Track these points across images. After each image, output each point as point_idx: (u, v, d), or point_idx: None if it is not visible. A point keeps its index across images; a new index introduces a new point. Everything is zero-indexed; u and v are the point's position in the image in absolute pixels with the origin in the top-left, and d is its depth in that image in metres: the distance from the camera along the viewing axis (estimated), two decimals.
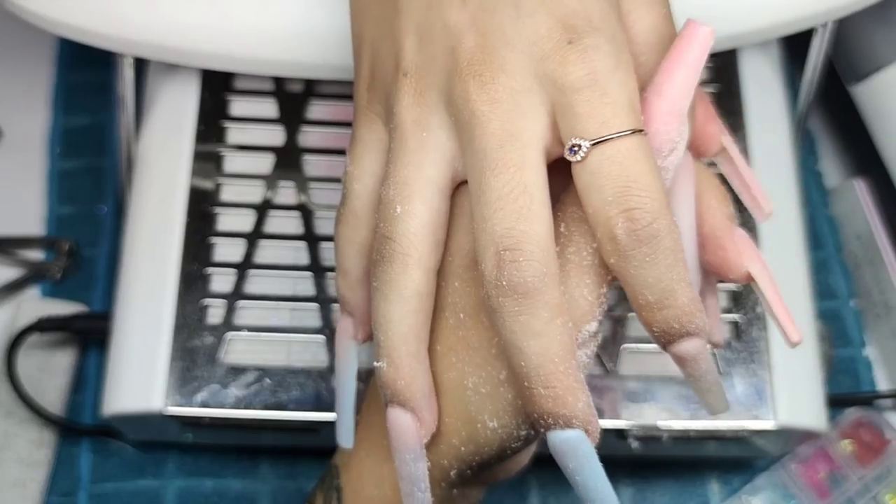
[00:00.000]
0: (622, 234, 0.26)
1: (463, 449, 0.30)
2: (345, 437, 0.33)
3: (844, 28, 0.47)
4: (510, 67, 0.27)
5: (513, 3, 0.27)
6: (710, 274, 0.31)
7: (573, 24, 0.26)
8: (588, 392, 0.27)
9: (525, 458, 0.36)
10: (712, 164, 0.32)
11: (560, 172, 0.27)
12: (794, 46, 0.49)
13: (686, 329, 0.26)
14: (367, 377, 0.33)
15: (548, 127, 0.27)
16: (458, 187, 0.29)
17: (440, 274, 0.29)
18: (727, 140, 0.31)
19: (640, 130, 0.26)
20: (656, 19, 0.29)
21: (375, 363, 0.29)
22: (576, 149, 0.26)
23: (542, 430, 0.27)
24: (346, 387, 0.34)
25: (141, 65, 0.46)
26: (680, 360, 0.27)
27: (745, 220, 0.46)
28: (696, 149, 0.31)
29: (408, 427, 0.29)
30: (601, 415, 0.43)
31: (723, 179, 0.32)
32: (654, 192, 0.26)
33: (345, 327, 0.34)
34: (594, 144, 0.26)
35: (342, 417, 0.33)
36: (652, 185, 0.26)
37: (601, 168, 0.26)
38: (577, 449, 0.26)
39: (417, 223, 0.28)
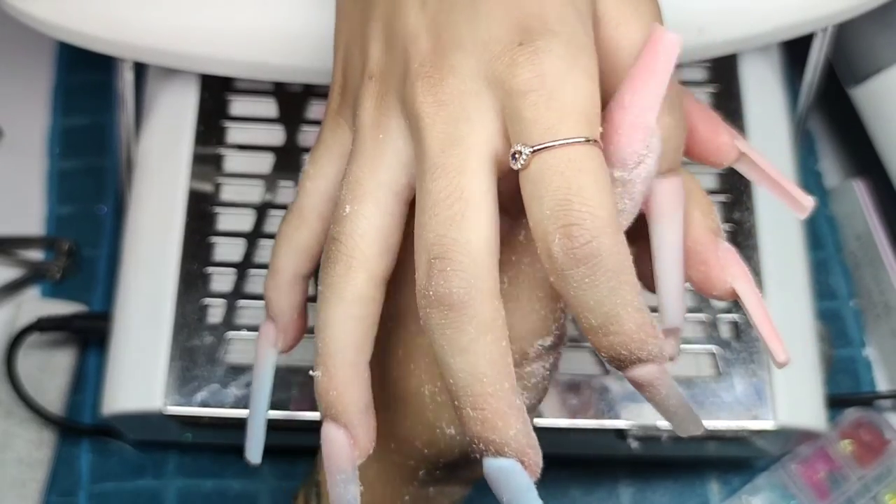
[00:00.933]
0: (558, 251, 0.24)
1: (426, 451, 0.30)
2: (253, 452, 0.31)
3: (844, 31, 0.47)
4: (459, 69, 0.25)
5: (470, 4, 0.26)
6: (697, 290, 0.30)
7: (527, 25, 0.25)
8: (527, 420, 0.25)
9: None
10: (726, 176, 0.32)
11: None
12: (794, 48, 0.49)
13: (636, 356, 0.24)
14: None
15: (497, 132, 0.25)
16: None
17: (404, 279, 0.28)
18: (744, 145, 0.29)
19: (592, 140, 0.24)
20: (645, 31, 0.27)
21: (311, 372, 0.28)
22: (517, 155, 0.24)
23: (477, 456, 0.25)
24: (259, 397, 0.32)
25: (141, 66, 0.46)
26: (637, 387, 0.25)
27: (744, 219, 0.46)
28: (710, 159, 0.29)
29: (339, 445, 0.27)
30: (600, 415, 0.43)
31: (707, 190, 0.31)
32: (598, 207, 0.24)
33: (266, 333, 0.32)
34: (535, 151, 0.24)
35: (252, 430, 0.32)
36: (595, 198, 0.24)
37: (542, 177, 0.24)
38: (508, 480, 0.24)
39: (365, 224, 0.27)
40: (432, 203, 0.25)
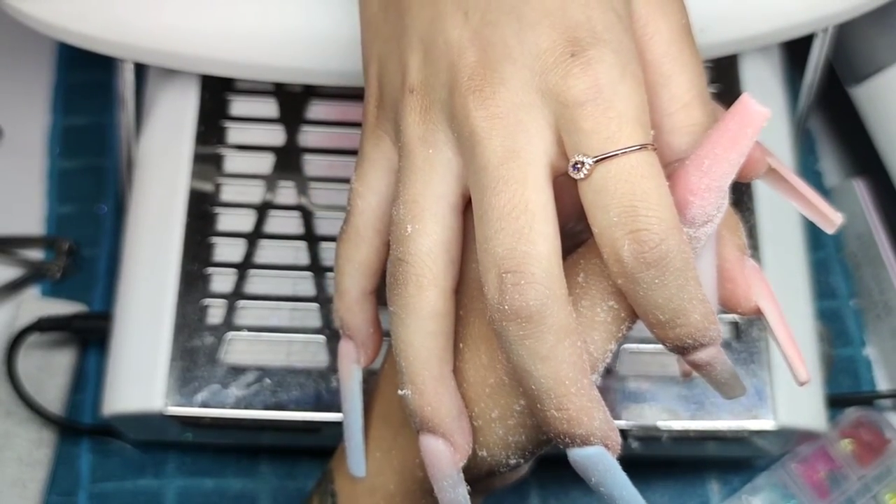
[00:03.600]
0: (628, 256, 0.25)
1: None
2: (356, 466, 0.32)
3: (844, 30, 0.47)
4: (511, 82, 0.26)
5: (515, 16, 0.26)
6: (722, 307, 0.30)
7: (576, 36, 0.25)
8: (604, 408, 0.26)
9: (524, 469, 0.36)
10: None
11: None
12: (795, 48, 0.49)
13: (700, 342, 0.26)
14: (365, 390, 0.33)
15: (552, 143, 0.26)
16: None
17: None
18: (775, 161, 0.29)
19: (648, 145, 0.25)
20: (674, 30, 0.28)
21: (400, 391, 0.29)
22: (579, 166, 0.25)
23: (562, 447, 0.26)
24: (353, 414, 0.32)
25: (141, 66, 0.46)
26: (695, 367, 0.27)
27: (744, 220, 0.46)
28: (742, 173, 0.29)
29: (441, 454, 0.28)
30: None
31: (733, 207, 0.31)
32: (663, 210, 0.24)
33: (346, 351, 0.32)
34: (598, 161, 0.25)
35: (352, 445, 0.32)
36: (660, 203, 0.24)
37: (606, 186, 0.25)
38: (597, 464, 0.26)
39: (430, 242, 0.27)
40: (497, 217, 0.25)
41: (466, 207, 0.28)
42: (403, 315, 0.28)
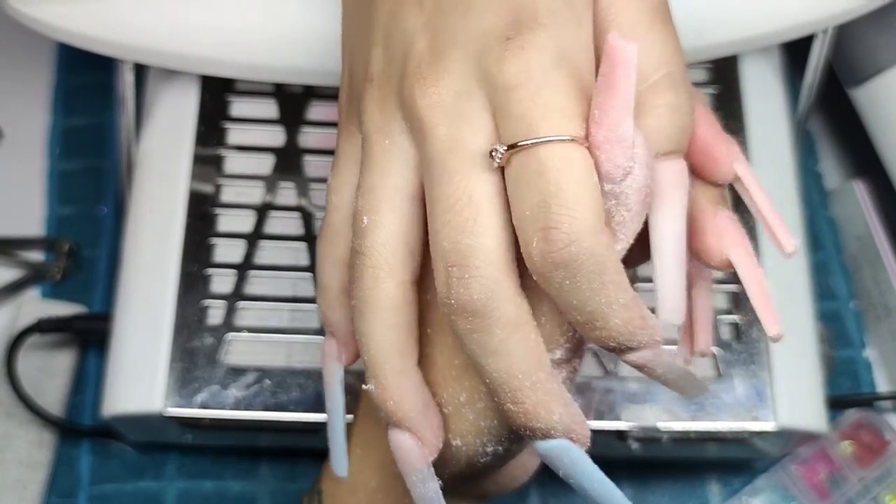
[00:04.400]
0: (536, 255, 0.23)
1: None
2: (338, 465, 0.32)
3: (844, 32, 0.47)
4: (454, 68, 0.25)
5: (465, 2, 0.25)
6: (695, 260, 0.29)
7: (517, 19, 0.24)
8: (567, 399, 0.25)
9: (520, 474, 0.35)
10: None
11: None
12: (795, 49, 0.49)
13: (626, 346, 0.24)
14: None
15: (495, 132, 0.25)
16: None
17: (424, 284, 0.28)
18: (742, 168, 0.28)
19: (575, 139, 0.23)
20: (642, 9, 0.26)
21: (364, 386, 0.28)
22: (494, 153, 0.24)
23: (527, 438, 0.26)
24: (335, 413, 0.32)
25: (141, 67, 0.46)
26: (634, 367, 0.26)
27: (746, 220, 0.46)
28: (705, 169, 0.29)
29: (408, 448, 0.27)
30: (601, 416, 0.43)
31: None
32: (578, 209, 0.23)
33: (329, 349, 0.32)
34: (512, 150, 0.24)
35: (334, 445, 0.32)
36: (576, 201, 0.23)
37: (521, 178, 0.24)
38: (562, 457, 0.25)
39: (386, 234, 0.27)
40: (442, 210, 0.25)
41: None
42: (362, 308, 0.27)
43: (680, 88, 0.26)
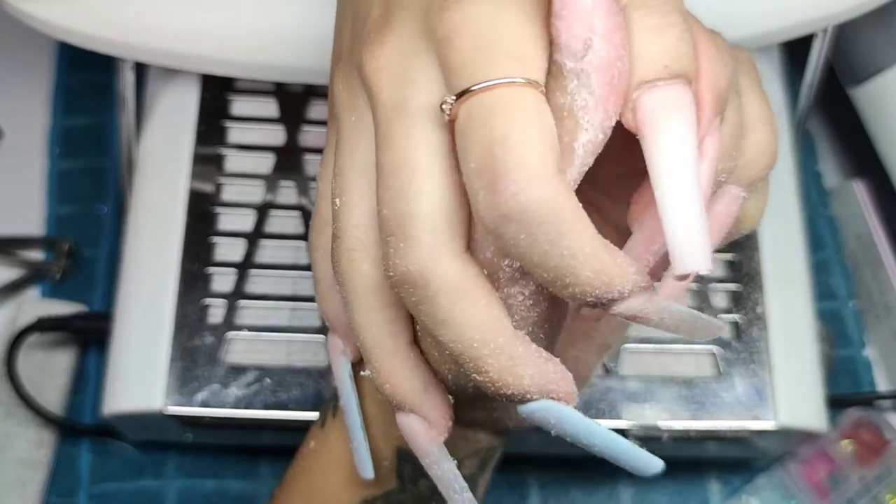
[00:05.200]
0: (483, 209, 0.21)
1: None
2: (363, 466, 0.30)
3: (844, 31, 0.47)
4: (400, 28, 0.24)
5: None
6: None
7: None
8: (538, 359, 0.23)
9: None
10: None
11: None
12: (794, 48, 0.49)
13: (606, 298, 0.22)
14: None
15: (444, 87, 0.23)
16: None
17: None
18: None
19: (524, 81, 0.21)
20: None
21: (362, 372, 0.27)
22: (444, 107, 0.22)
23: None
24: (350, 409, 0.30)
25: (142, 66, 0.46)
26: (626, 319, 0.23)
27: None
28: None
29: (415, 430, 0.26)
30: (601, 415, 0.43)
31: None
32: (525, 153, 0.21)
33: (333, 344, 0.31)
34: (459, 98, 0.22)
35: (355, 443, 0.31)
36: (524, 144, 0.21)
37: (467, 127, 0.21)
38: (547, 418, 0.24)
39: (357, 214, 0.25)
40: (384, 176, 0.23)
41: None
42: (345, 293, 0.26)
43: (681, 9, 0.23)
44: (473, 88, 0.21)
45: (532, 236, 0.21)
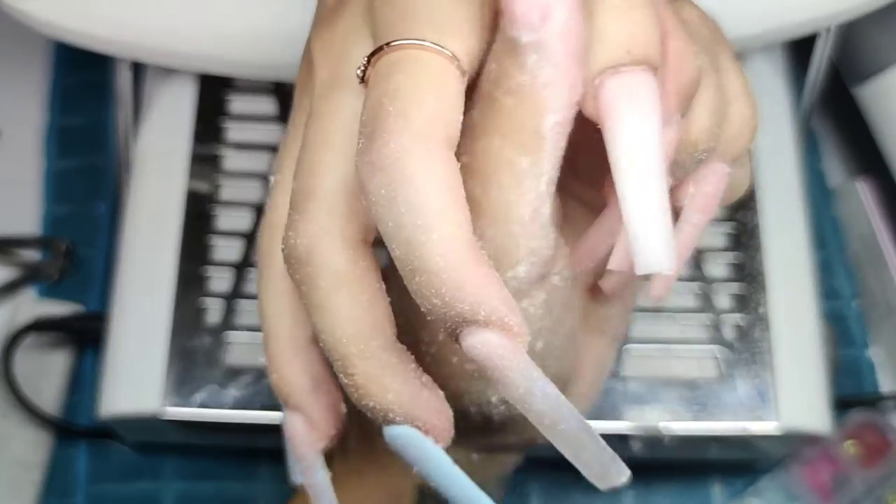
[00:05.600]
0: (358, 158, 0.20)
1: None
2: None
3: (848, 30, 0.47)
4: (347, 11, 0.23)
5: None
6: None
7: None
8: (411, 379, 0.21)
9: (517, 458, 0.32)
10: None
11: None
12: (798, 47, 0.49)
13: (454, 310, 0.19)
14: None
15: None
16: None
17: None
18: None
19: (438, 48, 0.20)
20: None
21: (261, 358, 0.26)
22: (358, 71, 0.21)
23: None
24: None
25: (139, 64, 0.46)
26: (480, 368, 0.19)
27: (748, 219, 0.46)
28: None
29: (295, 430, 0.25)
30: (602, 417, 0.43)
31: None
32: (411, 108, 0.19)
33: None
34: (369, 60, 0.21)
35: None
36: (409, 98, 0.19)
37: (370, 85, 0.20)
38: (407, 447, 0.21)
39: (284, 192, 0.24)
40: (302, 151, 0.22)
41: None
42: (257, 274, 0.25)
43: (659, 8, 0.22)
44: (384, 47, 0.20)
45: (392, 193, 0.19)
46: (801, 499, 0.49)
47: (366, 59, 0.21)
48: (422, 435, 0.21)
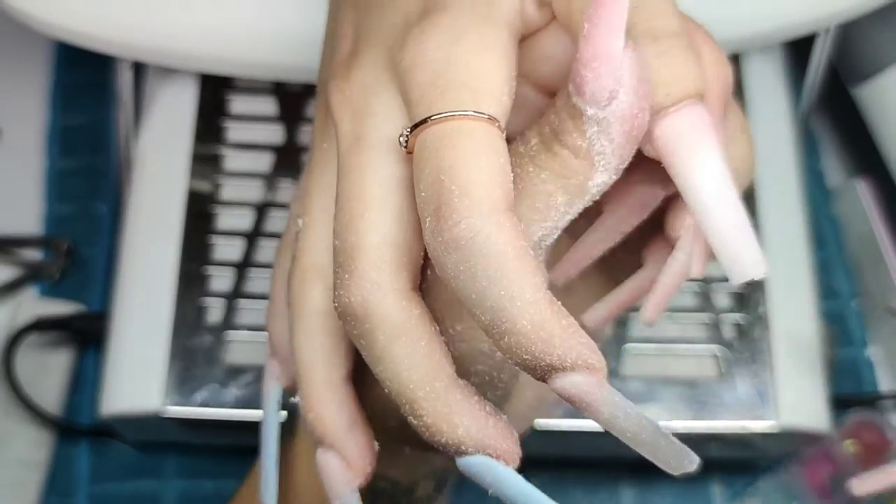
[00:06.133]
0: (429, 236, 0.21)
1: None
2: (267, 494, 0.29)
3: (847, 30, 0.47)
4: (366, 62, 0.24)
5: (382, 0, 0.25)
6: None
7: (426, 8, 0.23)
8: (478, 411, 0.23)
9: (531, 413, 0.32)
10: None
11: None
12: (797, 47, 0.49)
13: (546, 361, 0.20)
14: None
15: (405, 125, 0.23)
16: None
17: None
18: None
19: (478, 114, 0.22)
20: None
21: (292, 398, 0.27)
22: (402, 140, 0.23)
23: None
24: (269, 436, 0.29)
25: (140, 64, 0.46)
26: (569, 402, 0.21)
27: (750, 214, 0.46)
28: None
29: (331, 468, 0.25)
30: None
31: None
32: (470, 185, 0.21)
33: (270, 368, 0.30)
34: (414, 130, 0.22)
35: (265, 471, 0.29)
36: (468, 176, 0.21)
37: (420, 157, 0.22)
38: (483, 475, 0.23)
39: (316, 236, 0.26)
40: (339, 207, 0.23)
41: None
42: (291, 314, 0.26)
43: (689, 29, 0.23)
44: (428, 120, 0.22)
45: (471, 269, 0.21)
46: (800, 498, 0.49)
47: (409, 129, 0.22)
48: (494, 461, 0.23)
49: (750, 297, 0.45)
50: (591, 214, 0.25)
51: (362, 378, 0.27)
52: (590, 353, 0.21)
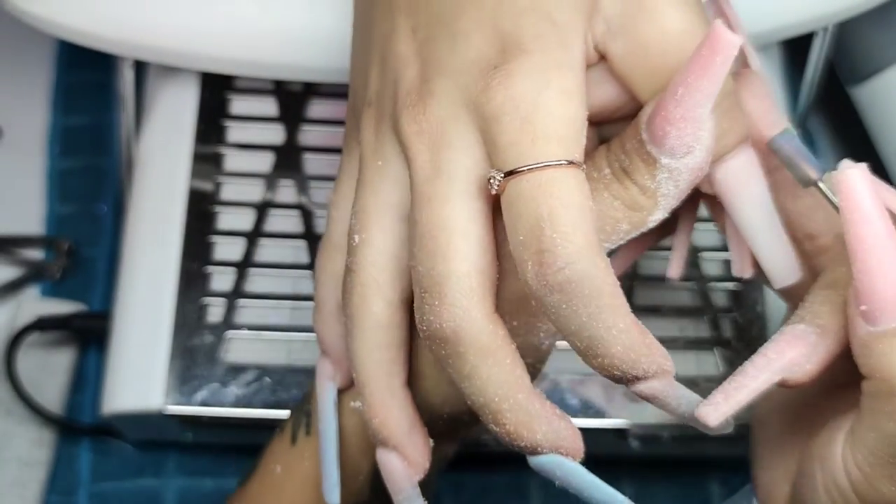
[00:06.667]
0: (531, 278, 0.24)
1: (441, 405, 0.30)
2: (329, 492, 0.31)
3: (845, 30, 0.47)
4: (441, 96, 0.26)
5: (453, 30, 0.26)
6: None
7: (502, 46, 0.25)
8: (552, 416, 0.26)
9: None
10: None
11: None
12: (795, 47, 0.49)
13: (631, 374, 0.24)
14: None
15: (483, 157, 0.25)
16: None
17: None
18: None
19: (569, 162, 0.24)
20: (685, 20, 0.26)
21: (352, 403, 0.29)
22: (492, 181, 0.24)
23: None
24: (328, 435, 0.31)
25: (141, 64, 0.46)
26: (644, 399, 0.25)
27: None
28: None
29: (394, 468, 0.28)
30: (602, 414, 0.43)
31: None
32: (571, 232, 0.23)
33: (322, 368, 0.32)
34: (508, 177, 0.24)
35: (326, 469, 0.31)
36: (569, 224, 0.23)
37: (516, 203, 0.24)
38: (554, 470, 0.26)
39: (374, 252, 0.27)
40: (419, 234, 0.25)
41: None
42: (350, 326, 0.28)
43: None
44: (521, 169, 0.24)
45: (573, 307, 0.23)
46: None
47: (501, 174, 0.24)
48: (564, 459, 0.26)
49: (748, 295, 0.45)
50: None
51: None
52: (664, 361, 0.24)
